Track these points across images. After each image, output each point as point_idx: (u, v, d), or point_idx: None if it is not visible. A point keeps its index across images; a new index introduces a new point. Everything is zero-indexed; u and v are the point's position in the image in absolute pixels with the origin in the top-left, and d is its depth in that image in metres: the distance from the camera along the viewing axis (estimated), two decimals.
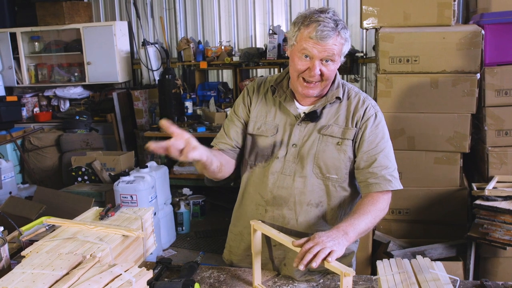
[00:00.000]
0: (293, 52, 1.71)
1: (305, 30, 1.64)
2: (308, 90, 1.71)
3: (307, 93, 1.73)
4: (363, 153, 1.74)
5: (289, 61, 1.76)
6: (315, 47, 1.63)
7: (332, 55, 1.65)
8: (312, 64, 1.65)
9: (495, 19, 3.07)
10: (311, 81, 1.69)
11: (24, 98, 6.43)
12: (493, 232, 2.75)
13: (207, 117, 5.53)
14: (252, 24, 5.86)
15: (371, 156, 1.73)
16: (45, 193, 4.14)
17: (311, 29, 1.62)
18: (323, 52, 1.63)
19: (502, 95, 3.07)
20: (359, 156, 1.75)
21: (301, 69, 1.68)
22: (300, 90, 1.73)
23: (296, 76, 1.72)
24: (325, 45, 1.62)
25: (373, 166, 1.72)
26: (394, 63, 3.04)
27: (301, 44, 1.65)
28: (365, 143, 1.74)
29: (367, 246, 3.20)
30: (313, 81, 1.69)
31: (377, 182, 1.71)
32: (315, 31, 1.61)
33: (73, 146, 5.56)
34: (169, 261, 1.86)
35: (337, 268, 1.38)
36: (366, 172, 1.73)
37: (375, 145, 1.74)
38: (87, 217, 1.90)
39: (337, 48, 1.65)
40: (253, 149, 1.86)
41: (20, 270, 1.42)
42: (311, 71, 1.66)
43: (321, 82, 1.70)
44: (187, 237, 4.83)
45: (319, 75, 1.67)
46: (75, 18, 6.08)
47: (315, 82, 1.69)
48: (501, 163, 3.10)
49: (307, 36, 1.63)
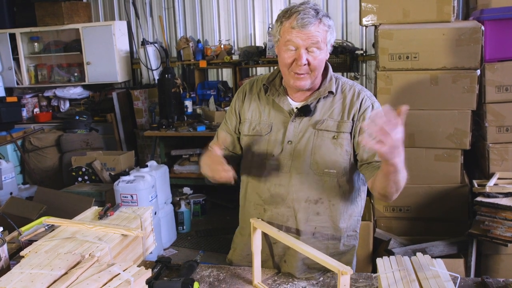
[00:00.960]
0: (279, 47, 1.72)
1: (286, 22, 1.66)
2: (299, 81, 1.70)
3: (299, 85, 1.71)
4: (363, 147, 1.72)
5: (278, 58, 1.76)
6: (298, 35, 1.63)
7: (317, 43, 1.64)
8: (298, 54, 1.65)
9: (495, 15, 3.06)
10: (300, 72, 1.68)
11: (24, 98, 6.43)
12: (494, 229, 2.74)
13: (207, 116, 5.52)
14: (252, 22, 5.84)
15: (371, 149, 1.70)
16: (45, 193, 4.14)
17: (292, 19, 1.64)
18: (307, 40, 1.63)
19: (503, 91, 3.06)
20: (361, 148, 1.73)
21: (289, 61, 1.68)
22: (292, 82, 1.71)
23: (286, 71, 1.71)
24: (307, 32, 1.62)
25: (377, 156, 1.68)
26: (394, 60, 3.03)
27: (285, 37, 1.66)
28: (366, 135, 1.72)
29: (368, 243, 3.19)
30: (302, 72, 1.68)
31: None
32: (295, 20, 1.63)
33: (73, 146, 5.55)
34: (168, 260, 1.85)
35: (334, 267, 1.38)
36: (371, 161, 1.71)
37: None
38: (86, 217, 1.89)
39: (321, 35, 1.65)
40: (249, 150, 1.85)
41: (18, 270, 1.42)
42: (298, 61, 1.65)
43: (311, 73, 1.69)
44: (187, 236, 4.83)
45: (307, 66, 1.67)
46: (74, 18, 6.07)
47: (305, 73, 1.68)
48: (502, 160, 3.09)
49: (289, 27, 1.65)
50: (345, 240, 1.86)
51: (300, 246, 1.53)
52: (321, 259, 1.44)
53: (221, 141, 1.83)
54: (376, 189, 1.66)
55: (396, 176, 1.52)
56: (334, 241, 1.84)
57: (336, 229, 1.82)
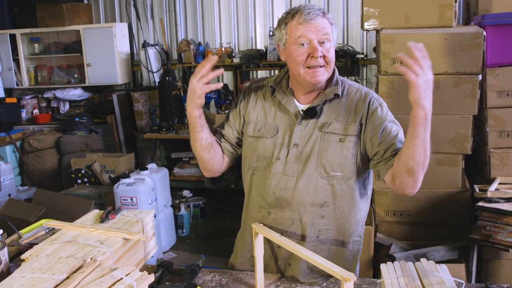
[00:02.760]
0: (288, 48, 1.70)
1: (292, 21, 1.67)
2: (317, 77, 1.68)
3: (317, 80, 1.69)
4: (380, 144, 1.70)
5: (288, 62, 1.74)
6: (309, 29, 1.63)
7: (327, 34, 1.65)
8: (312, 47, 1.64)
9: (496, 20, 3.06)
10: (317, 65, 1.66)
11: (23, 99, 6.41)
12: (496, 234, 2.73)
13: (207, 119, 5.48)
14: (253, 25, 5.85)
15: (388, 143, 1.69)
16: (44, 195, 4.13)
17: (298, 17, 1.65)
18: (317, 32, 1.64)
19: (504, 96, 3.06)
20: (377, 148, 1.71)
21: (303, 58, 1.66)
22: (309, 78, 1.69)
23: (301, 69, 1.69)
24: (317, 24, 1.63)
25: (393, 150, 1.68)
26: (396, 64, 3.03)
27: (295, 34, 1.66)
28: (379, 135, 1.71)
29: (369, 248, 3.19)
30: (318, 65, 1.66)
31: None
32: (302, 16, 1.64)
33: (73, 148, 5.54)
34: (170, 264, 1.84)
35: (337, 273, 1.36)
36: (388, 156, 1.69)
37: (388, 133, 1.70)
38: (87, 220, 1.88)
39: (329, 28, 1.66)
40: (254, 152, 1.84)
41: (19, 274, 1.40)
42: (313, 53, 1.64)
43: (326, 66, 1.69)
44: (187, 239, 4.81)
45: (322, 58, 1.66)
46: (75, 19, 6.06)
47: (321, 66, 1.67)
48: (503, 165, 3.09)
49: (296, 24, 1.65)
50: (350, 244, 1.85)
51: (303, 252, 1.51)
52: (324, 265, 1.43)
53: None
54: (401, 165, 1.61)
55: (425, 131, 1.51)
56: (338, 245, 1.83)
57: (341, 232, 1.81)
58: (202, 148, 1.84)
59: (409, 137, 1.55)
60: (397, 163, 1.63)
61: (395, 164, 1.65)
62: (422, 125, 1.50)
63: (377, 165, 1.74)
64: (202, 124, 1.80)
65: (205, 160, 1.88)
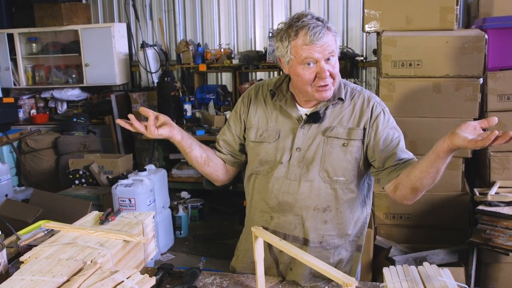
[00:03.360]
0: (294, 67, 1.67)
1: (296, 41, 1.61)
2: (325, 93, 1.67)
3: (325, 97, 1.68)
4: (381, 152, 1.70)
5: (293, 79, 1.72)
6: (315, 50, 1.59)
7: (332, 51, 1.63)
8: (319, 67, 1.62)
9: (498, 23, 3.06)
10: (325, 84, 1.65)
11: (21, 99, 6.37)
12: (496, 238, 2.73)
13: (206, 120, 5.49)
14: (252, 27, 5.83)
15: (389, 151, 1.69)
16: (42, 196, 4.10)
17: (302, 36, 1.59)
18: (324, 52, 1.61)
19: (504, 100, 3.06)
20: (377, 155, 1.71)
21: (311, 78, 1.64)
22: (317, 95, 1.68)
23: (308, 87, 1.67)
24: (323, 44, 1.59)
25: (395, 160, 1.68)
26: (397, 67, 3.02)
27: (301, 55, 1.61)
28: (381, 142, 1.71)
29: (369, 251, 3.18)
30: (326, 84, 1.65)
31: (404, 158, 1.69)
32: (308, 36, 1.58)
33: (70, 149, 5.51)
34: (170, 267, 1.83)
35: (339, 278, 1.35)
36: (388, 166, 1.69)
37: (390, 141, 1.70)
38: (87, 222, 1.86)
39: (333, 43, 1.63)
40: (256, 156, 1.83)
41: (19, 276, 1.39)
42: (321, 74, 1.62)
43: (333, 81, 1.68)
44: (185, 241, 4.79)
45: (329, 76, 1.65)
46: (73, 19, 6.03)
47: (329, 83, 1.66)
48: (503, 168, 3.09)
49: (302, 44, 1.60)
50: (351, 248, 1.84)
51: (304, 256, 1.49)
52: (325, 270, 1.41)
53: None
54: (408, 182, 1.61)
55: (443, 165, 1.52)
56: (340, 250, 1.82)
57: (343, 237, 1.80)
58: (200, 165, 1.87)
59: (426, 162, 1.54)
60: (404, 177, 1.63)
61: (402, 177, 1.64)
62: (443, 160, 1.50)
63: (378, 174, 1.74)
64: (189, 144, 1.80)
65: (208, 173, 1.91)
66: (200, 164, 1.86)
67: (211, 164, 1.88)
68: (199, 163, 1.85)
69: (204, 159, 1.85)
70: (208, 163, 1.87)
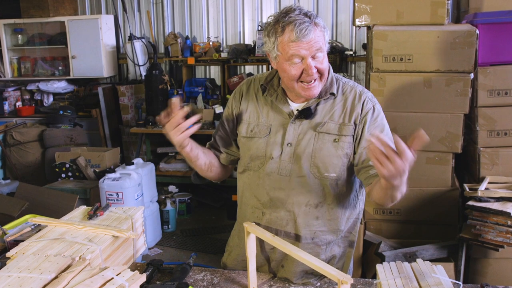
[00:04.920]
0: (280, 63, 1.64)
1: (283, 36, 1.58)
2: (310, 91, 1.65)
3: (311, 94, 1.66)
4: (363, 149, 1.69)
5: (280, 74, 1.70)
6: (301, 47, 1.57)
7: (320, 48, 1.60)
8: (306, 64, 1.59)
9: (488, 19, 3.05)
10: (310, 80, 1.63)
11: (6, 91, 6.27)
12: (485, 234, 2.73)
13: (194, 113, 5.44)
14: (241, 20, 5.79)
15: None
16: (27, 189, 4.04)
17: (289, 32, 1.57)
18: (311, 49, 1.58)
19: (495, 95, 3.06)
20: (359, 151, 1.70)
21: (297, 74, 1.62)
22: (303, 93, 1.66)
23: (294, 84, 1.65)
24: (309, 41, 1.56)
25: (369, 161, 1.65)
26: (388, 62, 3.01)
27: (287, 52, 1.59)
28: (364, 140, 1.69)
29: (358, 246, 3.16)
30: (312, 80, 1.63)
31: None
32: (294, 33, 1.55)
33: (57, 142, 5.44)
34: (160, 262, 1.79)
35: (334, 275, 1.33)
36: (366, 165, 1.67)
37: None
38: (75, 217, 1.82)
39: (321, 39, 1.60)
40: (247, 152, 1.80)
41: (6, 273, 1.35)
42: (307, 71, 1.60)
43: (320, 77, 1.65)
44: (173, 235, 4.76)
45: (316, 72, 1.62)
46: (59, 10, 5.94)
47: (314, 80, 1.64)
48: (492, 164, 3.09)
49: (288, 41, 1.57)
50: (343, 244, 1.83)
51: (297, 253, 1.46)
52: (319, 267, 1.39)
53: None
54: (372, 197, 1.66)
55: (393, 192, 1.51)
56: (332, 245, 1.80)
57: (335, 233, 1.79)
58: (204, 171, 1.90)
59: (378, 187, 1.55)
60: (372, 189, 1.64)
61: (372, 187, 1.65)
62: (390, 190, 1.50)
63: (358, 172, 1.73)
64: (196, 154, 1.81)
65: (211, 177, 1.96)
66: (204, 171, 1.89)
67: (213, 169, 1.91)
68: (203, 169, 1.88)
69: (207, 166, 1.88)
70: (211, 168, 1.90)
